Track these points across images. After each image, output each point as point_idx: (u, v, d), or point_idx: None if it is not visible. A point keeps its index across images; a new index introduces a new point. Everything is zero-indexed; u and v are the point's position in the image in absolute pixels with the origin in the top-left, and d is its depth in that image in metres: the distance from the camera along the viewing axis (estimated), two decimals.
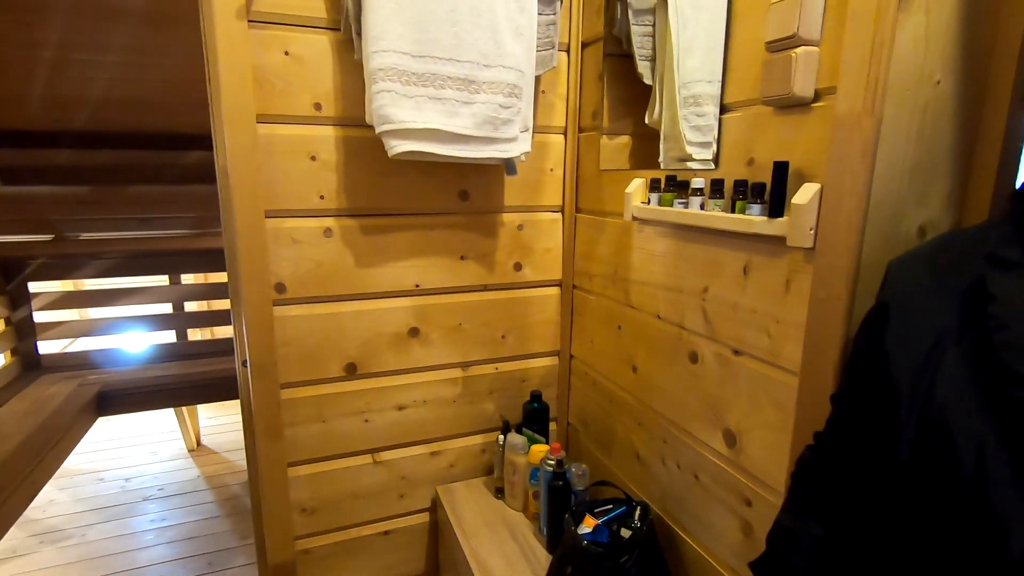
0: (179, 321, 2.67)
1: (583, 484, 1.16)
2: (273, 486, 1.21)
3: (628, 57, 1.17)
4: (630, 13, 1.15)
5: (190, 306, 2.82)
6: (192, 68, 2.69)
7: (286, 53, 1.07)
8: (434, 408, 1.34)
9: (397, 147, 1.03)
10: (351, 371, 1.24)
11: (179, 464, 2.63)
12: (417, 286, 1.26)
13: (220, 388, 2.41)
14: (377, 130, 1.02)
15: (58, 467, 1.88)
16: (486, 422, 1.40)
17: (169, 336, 2.65)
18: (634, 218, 1.07)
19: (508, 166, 1.16)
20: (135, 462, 2.64)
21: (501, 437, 1.29)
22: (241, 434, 2.88)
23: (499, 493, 1.31)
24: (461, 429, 1.38)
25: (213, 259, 2.71)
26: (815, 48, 0.70)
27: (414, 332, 1.28)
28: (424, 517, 1.38)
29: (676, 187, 0.96)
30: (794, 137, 0.74)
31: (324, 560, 1.30)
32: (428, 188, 1.23)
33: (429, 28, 1.02)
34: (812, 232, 0.70)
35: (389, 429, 1.30)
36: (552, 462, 1.12)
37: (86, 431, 2.10)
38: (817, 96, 0.71)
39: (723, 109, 0.88)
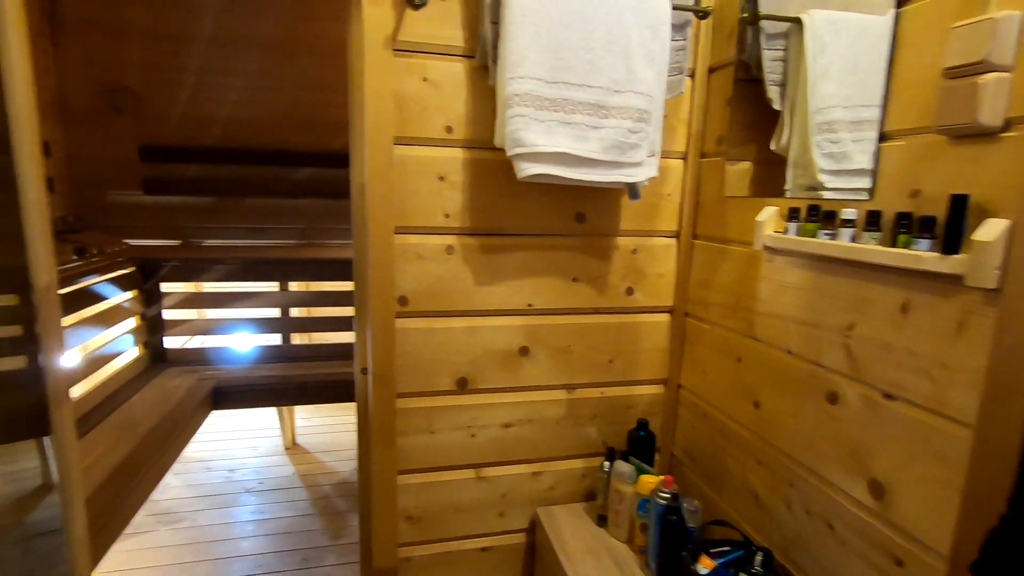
0: (285, 325, 2.85)
1: (695, 522, 1.11)
2: (383, 491, 1.25)
3: (755, 82, 1.14)
4: (763, 38, 1.12)
5: (294, 311, 3.00)
6: (303, 92, 2.91)
7: (424, 79, 1.13)
8: (538, 428, 1.34)
9: (527, 170, 1.06)
10: (462, 386, 1.27)
11: (276, 460, 2.78)
12: (529, 306, 1.28)
13: (319, 391, 2.54)
14: (508, 153, 1.05)
15: (179, 454, 2.05)
16: (588, 446, 1.38)
17: (275, 339, 2.83)
18: (765, 247, 1.03)
19: (632, 190, 1.16)
20: (238, 455, 2.82)
21: (606, 463, 1.27)
22: (333, 436, 3.03)
23: (601, 521, 1.28)
24: (563, 451, 1.37)
25: (316, 268, 2.89)
26: (1007, 74, 0.65)
27: (523, 351, 1.29)
28: (522, 537, 1.38)
29: (820, 217, 0.92)
30: (975, 169, 0.69)
31: (424, 570, 1.33)
32: (546, 210, 1.25)
33: (564, 55, 1.04)
34: (998, 272, 0.64)
35: (493, 445, 1.32)
36: (666, 495, 1.09)
37: (202, 422, 2.27)
38: (1007, 125, 0.65)
39: (882, 137, 0.83)
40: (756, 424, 1.10)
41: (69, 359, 2.02)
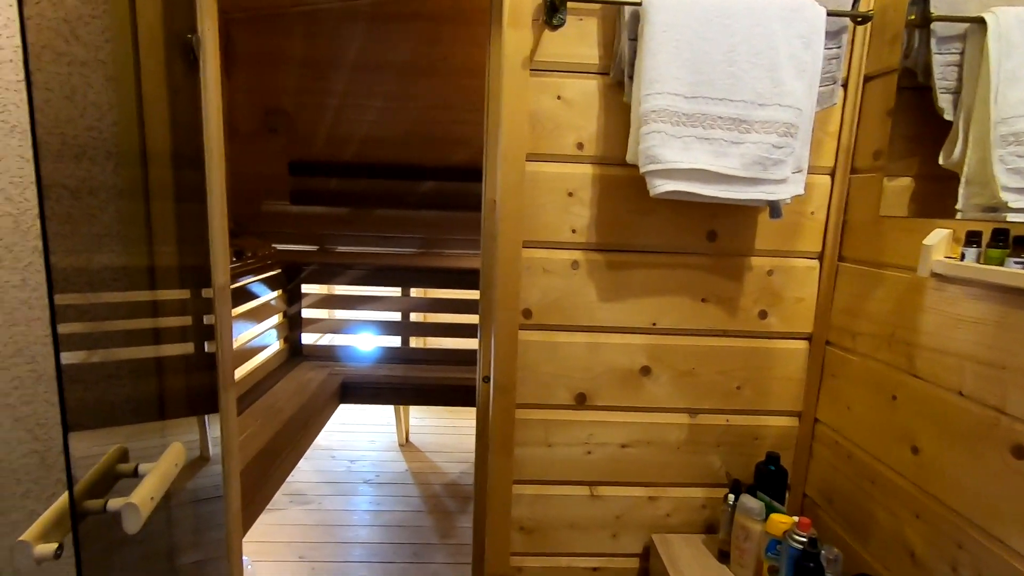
0: (404, 329, 3.02)
1: (835, 572, 1.01)
2: (498, 499, 1.28)
3: (922, 90, 1.03)
4: (933, 41, 1.01)
5: (414, 316, 3.17)
6: (429, 111, 3.08)
7: (558, 97, 1.15)
8: (656, 451, 1.29)
9: (660, 187, 1.03)
10: (580, 401, 1.26)
11: (391, 456, 2.95)
12: (654, 324, 1.24)
13: (434, 393, 2.66)
14: (642, 170, 1.04)
15: (313, 441, 2.24)
16: (710, 476, 1.31)
17: (395, 341, 3.02)
18: (934, 274, 0.92)
19: (773, 209, 1.09)
20: (358, 447, 3.03)
21: (731, 496, 1.20)
22: (443, 438, 3.15)
23: (723, 556, 1.21)
24: (682, 478, 1.31)
25: (435, 276, 3.04)
26: None
27: (645, 371, 1.26)
28: (634, 563, 1.34)
29: (1010, 243, 0.80)
30: None
31: None
32: (676, 227, 1.21)
33: (704, 69, 1.01)
34: None
35: (609, 464, 1.29)
36: (802, 539, 1.00)
37: (332, 414, 2.47)
38: None
39: None
40: (914, 472, 0.98)
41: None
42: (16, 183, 1.08)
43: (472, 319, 2.88)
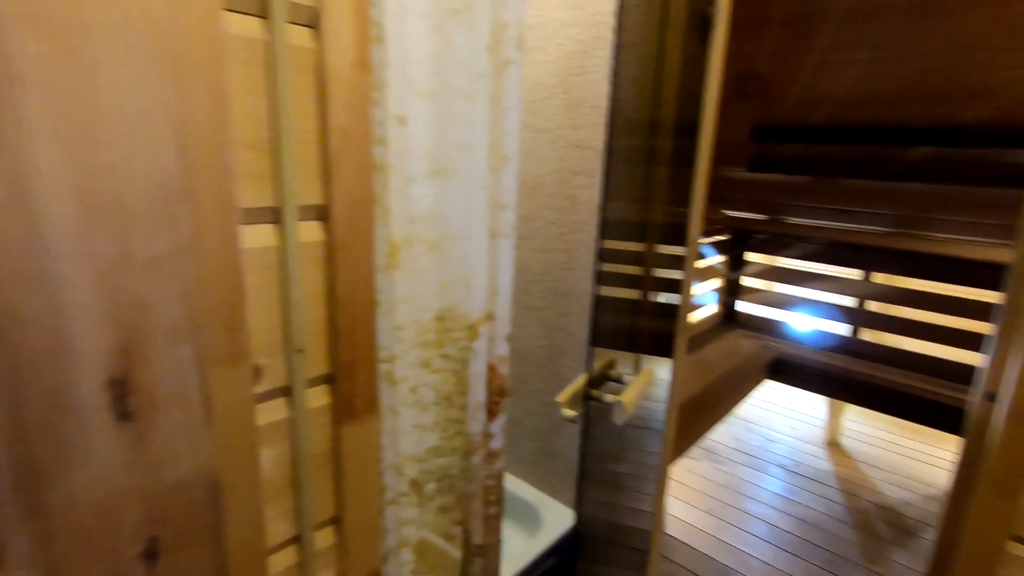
0: (857, 317, 2.65)
1: None
2: (978, 554, 1.02)
3: None
4: None
5: (872, 305, 2.74)
6: (942, 56, 2.44)
7: None
8: None
9: None
10: None
11: (812, 450, 2.71)
12: None
13: (886, 399, 2.27)
14: None
15: (736, 405, 2.27)
16: None
17: (842, 328, 2.68)
18: None
19: None
20: (777, 428, 2.90)
21: None
22: (884, 454, 2.68)
23: None
24: None
25: (910, 262, 2.51)
26: None
27: None
28: None
29: None
30: None
31: None
32: None
33: None
34: None
35: None
36: None
37: (758, 385, 2.43)
38: None
39: None
40: None
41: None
42: (566, 146, 1.43)
43: (960, 323, 2.27)
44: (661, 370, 1.28)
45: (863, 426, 2.93)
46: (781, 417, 3.01)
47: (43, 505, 0.27)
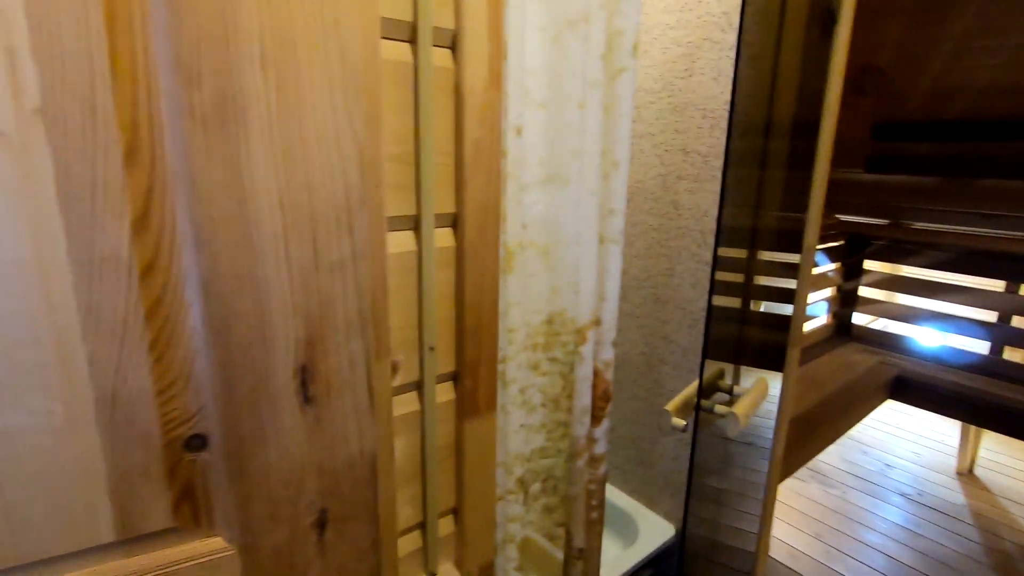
0: (1000, 334, 2.36)
1: None
2: None
3: None
4: None
5: (1018, 321, 2.43)
6: None
7: None
8: None
9: None
10: None
11: (941, 479, 2.44)
12: None
13: None
14: None
15: (851, 427, 2.10)
16: None
17: (980, 346, 2.40)
18: None
19: None
20: (898, 453, 2.64)
21: None
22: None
23: None
24: None
25: None
26: None
27: None
28: None
29: None
30: None
31: None
32: None
33: None
34: None
35: None
36: None
37: (878, 406, 2.23)
38: None
39: None
40: None
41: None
42: (669, 151, 1.40)
43: None
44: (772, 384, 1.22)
45: (1003, 456, 2.59)
46: (901, 441, 2.74)
47: (245, 472, 0.32)
